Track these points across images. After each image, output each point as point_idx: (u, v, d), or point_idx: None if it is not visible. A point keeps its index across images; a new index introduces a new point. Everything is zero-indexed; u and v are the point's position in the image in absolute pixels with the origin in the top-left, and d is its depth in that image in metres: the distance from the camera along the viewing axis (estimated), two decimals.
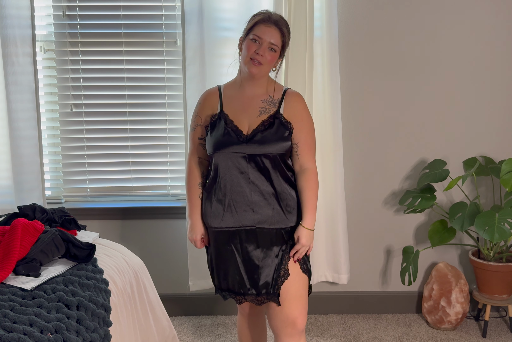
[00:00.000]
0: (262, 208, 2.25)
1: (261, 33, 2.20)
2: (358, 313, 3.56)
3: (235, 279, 2.30)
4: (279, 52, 2.24)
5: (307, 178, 2.28)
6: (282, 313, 2.27)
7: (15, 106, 3.07)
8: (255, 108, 2.28)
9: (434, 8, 3.26)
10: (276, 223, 2.26)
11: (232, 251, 2.29)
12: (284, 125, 2.25)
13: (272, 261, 2.26)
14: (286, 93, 2.31)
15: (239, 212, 2.25)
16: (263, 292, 2.27)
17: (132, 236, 3.45)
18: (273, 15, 2.25)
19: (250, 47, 2.21)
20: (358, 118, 3.37)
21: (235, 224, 2.26)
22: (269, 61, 2.22)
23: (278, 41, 2.22)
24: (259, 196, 2.25)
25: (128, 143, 3.45)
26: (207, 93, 2.39)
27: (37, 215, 2.58)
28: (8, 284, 2.02)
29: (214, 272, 2.38)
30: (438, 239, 3.26)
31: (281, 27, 2.22)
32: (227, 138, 2.24)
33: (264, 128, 2.24)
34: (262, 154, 2.23)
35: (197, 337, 3.28)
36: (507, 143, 3.40)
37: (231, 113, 2.28)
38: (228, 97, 2.32)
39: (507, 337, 3.26)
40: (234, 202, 2.25)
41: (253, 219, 2.25)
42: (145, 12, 3.34)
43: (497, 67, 3.32)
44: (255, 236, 2.26)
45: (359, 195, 3.44)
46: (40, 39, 3.32)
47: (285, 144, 2.25)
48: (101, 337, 1.99)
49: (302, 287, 2.29)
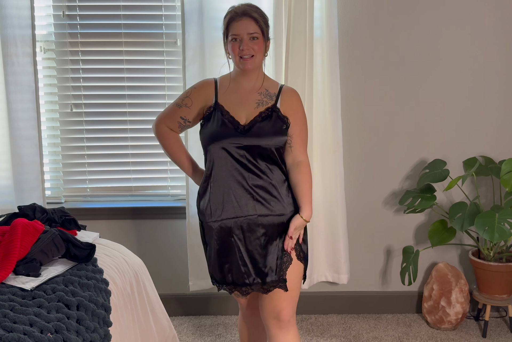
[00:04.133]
0: (262, 197, 2.26)
1: (236, 30, 2.21)
2: (358, 313, 3.56)
3: (240, 270, 2.30)
4: (261, 37, 2.25)
5: (302, 171, 2.29)
6: (270, 304, 2.30)
7: (15, 106, 3.07)
8: (252, 100, 2.29)
9: (434, 8, 3.26)
10: (276, 210, 2.27)
11: (235, 242, 2.28)
12: (281, 119, 2.27)
13: (274, 249, 2.27)
14: (282, 89, 2.34)
15: (239, 202, 2.26)
16: (268, 279, 2.28)
17: (132, 236, 3.45)
18: (239, 7, 2.25)
19: (234, 47, 2.23)
20: (358, 118, 3.37)
21: (236, 213, 2.26)
22: (258, 50, 2.23)
23: (255, 28, 2.22)
24: (257, 186, 2.25)
25: (128, 143, 3.45)
26: (204, 81, 2.41)
27: (37, 215, 2.58)
28: (8, 284, 2.02)
29: (216, 267, 2.37)
30: (438, 239, 3.26)
31: (251, 14, 2.22)
32: (224, 129, 2.25)
33: (261, 120, 2.26)
34: (259, 145, 2.24)
35: (197, 337, 3.28)
36: (507, 143, 3.40)
37: (227, 105, 2.29)
38: (224, 90, 2.33)
39: (507, 337, 3.26)
40: (233, 192, 2.26)
41: (254, 207, 2.26)
42: (145, 12, 3.34)
43: (497, 67, 3.32)
44: (257, 224, 2.27)
45: (359, 194, 3.44)
46: (40, 39, 3.32)
47: (282, 138, 2.27)
48: (101, 337, 1.99)
49: (295, 279, 2.30)
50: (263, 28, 2.25)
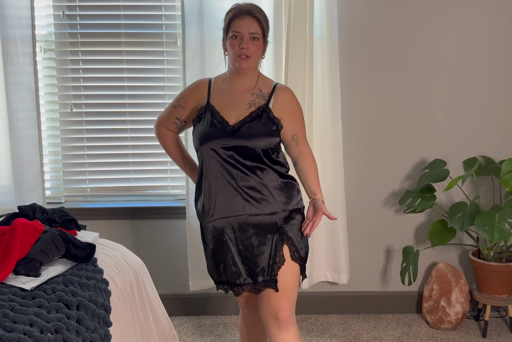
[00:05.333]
0: (252, 196, 2.26)
1: (238, 28, 2.21)
2: (358, 313, 3.56)
3: (231, 270, 2.31)
4: (261, 39, 2.25)
5: (311, 162, 2.37)
6: (268, 304, 2.30)
7: (15, 106, 3.07)
8: (244, 101, 2.29)
9: (434, 8, 3.26)
10: (267, 209, 2.27)
11: (227, 242, 2.29)
12: (272, 120, 2.26)
13: (266, 248, 2.27)
14: (276, 88, 2.33)
15: (229, 202, 2.26)
16: (260, 279, 2.28)
17: (132, 236, 3.45)
18: (244, 6, 2.25)
19: (233, 45, 2.22)
20: (358, 118, 3.37)
21: (226, 213, 2.27)
22: (255, 51, 2.23)
23: (257, 29, 2.22)
24: (247, 186, 2.25)
25: (128, 143, 3.45)
26: (198, 82, 2.42)
27: (37, 215, 2.58)
28: (8, 284, 2.02)
29: (213, 267, 2.37)
30: (438, 239, 3.26)
31: (255, 14, 2.23)
32: (212, 130, 2.26)
33: (251, 120, 2.25)
34: (246, 146, 2.23)
35: (197, 337, 3.28)
36: (507, 143, 3.40)
37: (218, 106, 2.30)
38: (217, 90, 2.34)
39: (507, 337, 3.26)
40: (224, 192, 2.26)
41: (244, 207, 2.26)
42: (145, 12, 3.34)
43: (498, 67, 3.32)
44: (247, 224, 2.27)
45: (359, 195, 3.44)
46: (40, 39, 3.32)
47: (273, 140, 2.26)
48: (101, 337, 1.99)
49: (291, 279, 2.30)
50: (264, 29, 2.25)
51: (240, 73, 2.29)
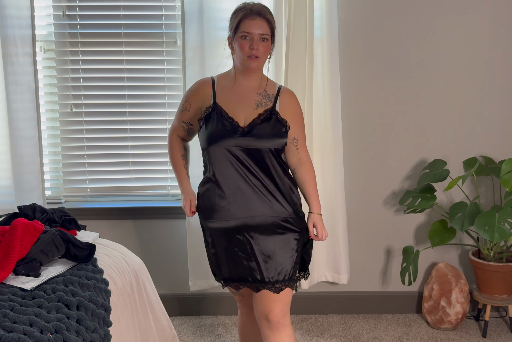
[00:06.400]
0: (266, 197, 2.27)
1: (249, 28, 2.21)
2: (358, 313, 3.56)
3: (245, 267, 2.28)
4: (270, 39, 2.26)
5: (309, 169, 2.38)
6: (260, 305, 2.30)
7: (15, 106, 3.07)
8: (251, 101, 2.30)
9: (434, 8, 3.26)
10: (281, 213, 2.28)
11: (246, 240, 2.27)
12: (280, 122, 2.29)
13: (285, 248, 2.27)
14: (280, 90, 2.35)
15: (245, 203, 2.26)
16: (280, 279, 2.27)
17: (132, 236, 3.45)
18: (254, 6, 2.25)
19: (243, 45, 2.23)
20: (358, 118, 3.37)
21: (242, 214, 2.26)
22: (264, 52, 2.25)
23: (267, 30, 2.23)
24: (261, 187, 2.26)
25: (128, 143, 3.45)
26: (200, 81, 2.41)
27: (37, 215, 2.58)
28: (8, 284, 2.02)
29: (220, 265, 2.36)
30: (438, 239, 3.26)
31: (266, 15, 2.23)
32: (223, 131, 2.26)
33: (260, 122, 2.27)
34: (258, 147, 2.25)
35: (197, 337, 3.28)
36: (507, 143, 3.40)
37: (225, 105, 2.30)
38: (222, 89, 2.33)
39: (507, 337, 3.26)
40: (239, 193, 2.26)
41: (260, 208, 2.26)
42: (145, 12, 3.34)
43: (497, 67, 3.32)
44: (264, 225, 2.27)
45: (359, 195, 3.44)
46: (40, 39, 3.32)
47: (282, 140, 2.29)
48: (101, 337, 1.99)
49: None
50: (273, 31, 2.26)
51: (248, 73, 2.29)
